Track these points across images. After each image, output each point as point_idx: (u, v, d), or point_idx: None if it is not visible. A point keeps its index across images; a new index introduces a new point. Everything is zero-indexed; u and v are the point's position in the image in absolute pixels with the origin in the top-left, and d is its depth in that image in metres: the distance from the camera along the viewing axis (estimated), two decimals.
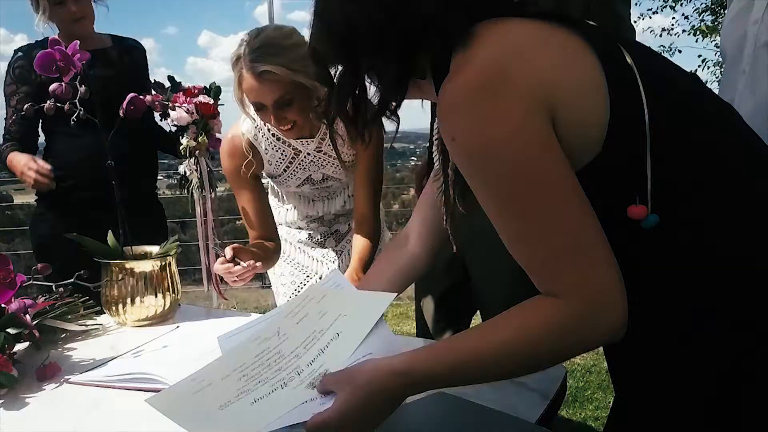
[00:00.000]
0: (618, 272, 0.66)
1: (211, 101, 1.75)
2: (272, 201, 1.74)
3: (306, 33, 0.85)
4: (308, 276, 1.72)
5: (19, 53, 1.86)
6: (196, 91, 1.75)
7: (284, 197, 1.72)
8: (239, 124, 1.54)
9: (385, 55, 0.75)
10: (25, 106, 1.26)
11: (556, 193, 0.66)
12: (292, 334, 0.86)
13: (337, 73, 0.80)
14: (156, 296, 1.38)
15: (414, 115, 1.48)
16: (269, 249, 1.56)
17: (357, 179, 1.56)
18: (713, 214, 0.69)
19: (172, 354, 1.18)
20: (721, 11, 8.46)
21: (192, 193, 1.77)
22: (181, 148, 1.70)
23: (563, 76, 0.68)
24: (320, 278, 1.69)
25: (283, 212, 1.73)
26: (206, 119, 1.75)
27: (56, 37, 1.24)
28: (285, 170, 1.58)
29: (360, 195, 1.56)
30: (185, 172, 1.75)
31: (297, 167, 1.57)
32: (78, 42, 1.24)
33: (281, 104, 1.36)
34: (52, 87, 1.21)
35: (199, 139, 1.73)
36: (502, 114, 0.66)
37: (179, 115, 1.68)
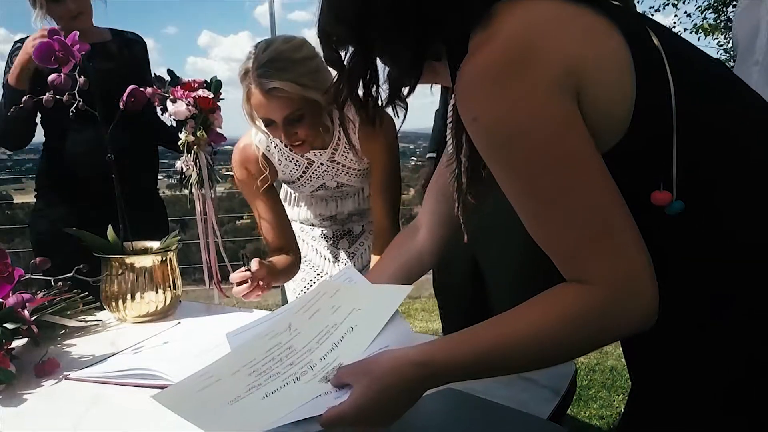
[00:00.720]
0: (648, 257, 0.64)
1: (211, 95, 1.72)
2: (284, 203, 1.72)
3: (307, 33, 0.83)
4: (319, 274, 1.70)
5: (18, 44, 1.84)
6: (196, 85, 1.73)
7: (297, 200, 1.69)
8: (251, 134, 1.51)
9: (399, 35, 0.71)
10: (24, 98, 1.24)
11: (582, 174, 0.64)
12: (304, 329, 0.84)
13: (348, 54, 0.77)
14: (156, 292, 1.36)
15: (414, 114, 1.46)
16: (288, 263, 1.52)
17: (373, 192, 1.53)
18: (735, 202, 0.67)
19: (174, 350, 1.16)
20: (724, 9, 8.44)
21: (191, 189, 1.74)
22: (179, 143, 1.68)
23: (588, 53, 0.65)
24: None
25: (297, 210, 1.71)
26: (205, 113, 1.72)
27: (55, 27, 1.22)
28: (299, 178, 1.55)
29: (377, 207, 1.52)
30: (182, 168, 1.72)
31: (311, 176, 1.55)
32: (77, 33, 1.22)
33: (291, 120, 1.33)
34: (50, 77, 1.18)
35: (198, 133, 1.70)
36: (526, 91, 0.63)
37: (177, 108, 1.66)
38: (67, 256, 1.23)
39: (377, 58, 0.75)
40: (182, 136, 1.66)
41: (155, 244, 1.44)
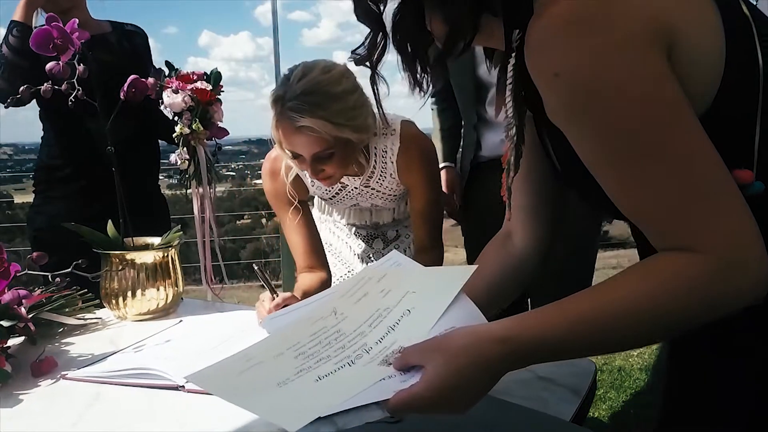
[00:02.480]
0: (755, 221, 0.57)
1: (209, 87, 1.67)
2: (317, 205, 1.66)
3: (306, 33, 0.76)
4: (350, 271, 1.63)
5: (13, 24, 1.80)
6: (195, 77, 1.68)
7: (331, 208, 1.64)
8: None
9: None
10: (21, 89, 1.20)
11: (681, 131, 0.57)
12: (352, 313, 0.78)
13: (394, 7, 0.69)
14: (158, 289, 1.32)
15: (417, 115, 1.41)
16: (318, 285, 1.44)
17: (413, 215, 1.46)
18: None
19: (176, 349, 1.12)
20: None
21: (189, 185, 1.70)
22: (174, 135, 1.64)
23: (678, 13, 0.59)
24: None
25: (330, 216, 1.65)
26: (203, 106, 1.67)
27: (53, 13, 1.17)
28: (332, 198, 1.50)
29: (419, 229, 1.46)
30: (176, 161, 1.68)
31: (344, 197, 1.49)
32: (76, 20, 1.18)
33: (320, 158, 1.25)
34: (48, 66, 1.14)
35: (193, 125, 1.65)
36: (618, 41, 0.57)
37: (173, 100, 1.61)
38: (66, 254, 1.20)
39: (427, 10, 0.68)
40: (177, 128, 1.62)
41: (156, 240, 1.40)
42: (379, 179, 1.43)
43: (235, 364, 0.71)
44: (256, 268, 1.28)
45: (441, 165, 1.93)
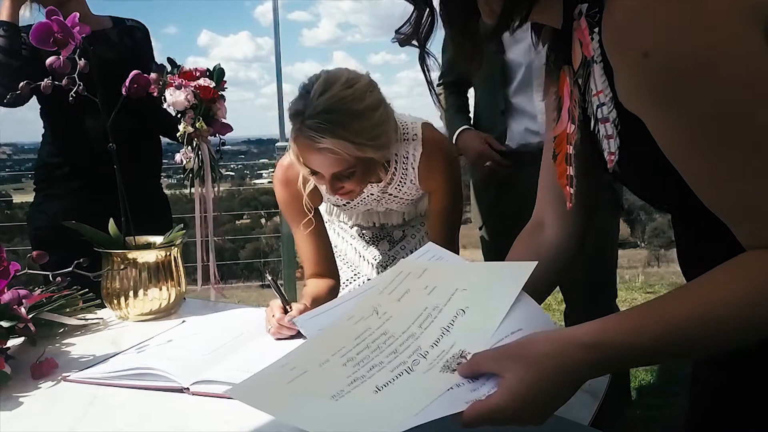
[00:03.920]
0: None
1: (212, 84, 1.65)
2: (324, 207, 1.62)
3: (306, 33, 0.72)
4: (356, 275, 1.60)
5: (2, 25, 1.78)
6: (197, 73, 1.66)
7: (338, 211, 1.61)
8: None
9: None
10: (20, 84, 1.17)
11: None
12: (396, 312, 0.73)
13: None
14: (160, 289, 1.30)
15: (416, 112, 1.38)
16: (327, 293, 1.40)
17: (432, 216, 1.43)
18: None
19: (179, 350, 1.10)
20: None
21: (192, 183, 1.67)
22: (178, 134, 1.61)
23: None
24: (368, 281, 1.56)
25: (336, 216, 1.63)
26: (206, 104, 1.65)
27: (53, 7, 1.15)
28: (345, 204, 1.47)
29: (435, 230, 1.43)
30: (181, 161, 1.66)
31: (359, 203, 1.46)
32: (77, 14, 1.15)
33: (340, 177, 1.21)
34: (48, 60, 1.12)
35: (197, 124, 1.63)
36: (717, 16, 0.53)
37: (175, 99, 1.59)
38: (67, 251, 1.17)
39: None
40: (181, 127, 1.60)
41: (158, 239, 1.38)
42: (399, 185, 1.39)
43: (278, 375, 0.66)
44: (269, 278, 1.24)
45: (460, 129, 1.88)
